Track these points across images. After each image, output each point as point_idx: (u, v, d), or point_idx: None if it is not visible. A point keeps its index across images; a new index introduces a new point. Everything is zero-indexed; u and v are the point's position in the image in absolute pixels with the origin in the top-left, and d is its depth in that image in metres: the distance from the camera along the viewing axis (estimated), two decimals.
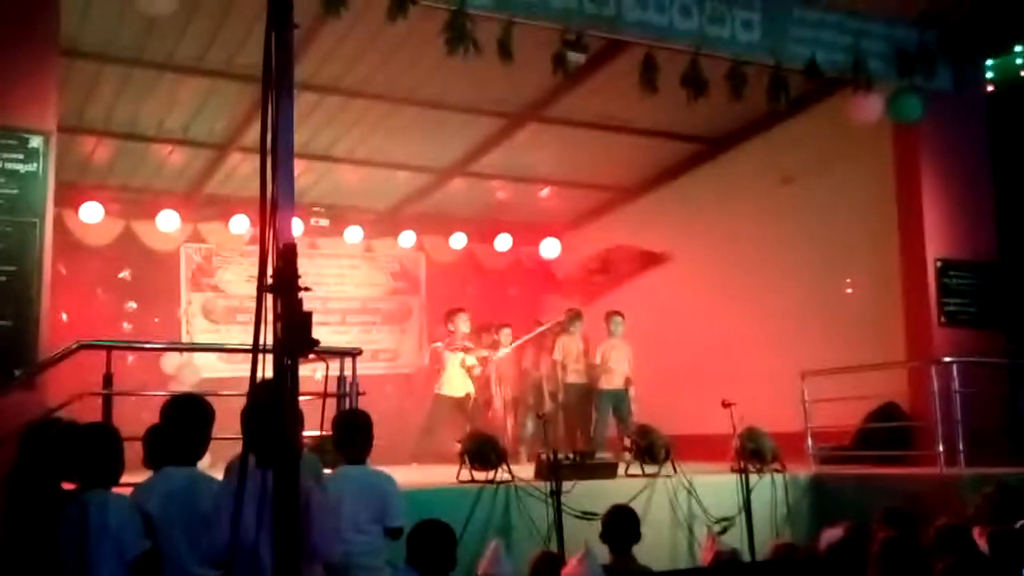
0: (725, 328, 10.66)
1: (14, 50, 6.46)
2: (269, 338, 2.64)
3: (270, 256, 2.68)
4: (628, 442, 7.93)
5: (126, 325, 11.52)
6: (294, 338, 2.63)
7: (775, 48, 8.19)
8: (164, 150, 10.57)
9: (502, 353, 10.67)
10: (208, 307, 12.13)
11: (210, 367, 11.33)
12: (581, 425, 10.70)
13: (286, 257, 2.66)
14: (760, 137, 10.56)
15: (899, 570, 4.06)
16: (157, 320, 11.77)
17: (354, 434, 4.88)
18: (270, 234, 2.69)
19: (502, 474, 6.70)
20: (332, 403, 6.43)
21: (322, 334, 2.72)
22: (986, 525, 5.16)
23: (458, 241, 13.19)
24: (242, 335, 10.27)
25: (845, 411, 8.52)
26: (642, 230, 12.16)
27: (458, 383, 10.46)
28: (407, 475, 6.52)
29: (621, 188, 12.54)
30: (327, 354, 5.89)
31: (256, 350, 2.66)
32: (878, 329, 9.13)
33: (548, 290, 10.68)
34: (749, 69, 8.00)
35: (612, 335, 10.54)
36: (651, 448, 7.53)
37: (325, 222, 12.35)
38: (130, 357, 10.23)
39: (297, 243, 2.73)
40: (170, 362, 11.14)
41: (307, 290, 2.69)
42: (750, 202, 10.75)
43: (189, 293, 12.09)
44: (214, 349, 11.66)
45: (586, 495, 6.52)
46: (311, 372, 5.62)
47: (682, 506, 7.18)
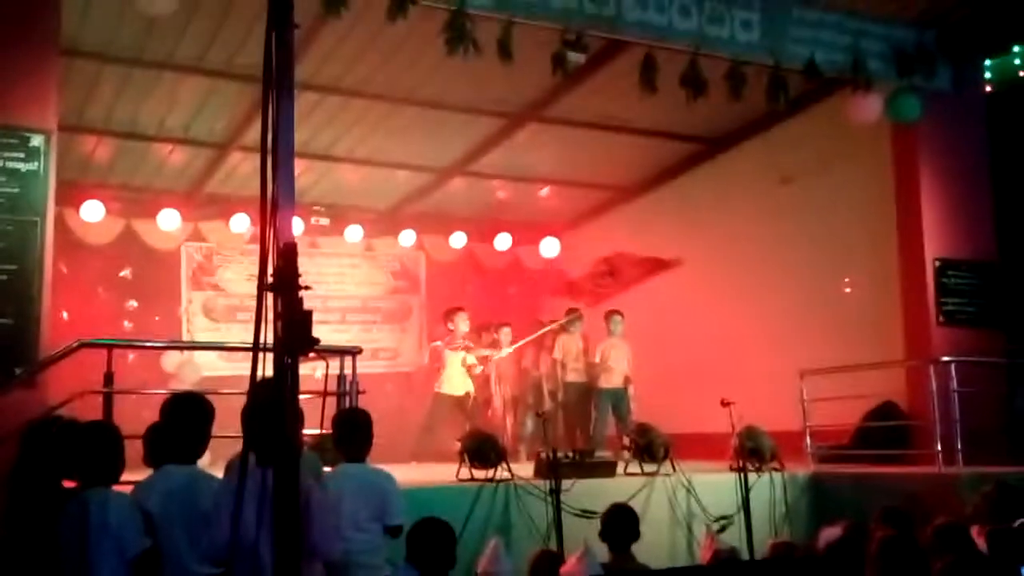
0: (724, 327, 10.66)
1: (15, 49, 6.47)
2: (269, 337, 2.65)
3: (270, 255, 2.68)
4: (627, 441, 7.93)
5: (127, 324, 11.54)
6: (294, 337, 2.64)
7: (774, 48, 8.19)
8: (165, 149, 10.57)
9: (504, 352, 10.68)
10: (208, 306, 12.13)
11: (210, 365, 11.34)
12: (580, 424, 10.71)
13: (286, 256, 2.67)
14: (759, 137, 10.57)
15: (897, 569, 4.05)
16: (158, 319, 11.78)
17: (354, 432, 4.90)
18: (270, 233, 2.70)
19: (502, 473, 6.71)
20: (332, 401, 6.45)
21: (322, 333, 2.72)
22: (984, 524, 5.16)
23: (458, 240, 13.20)
24: (242, 334, 10.25)
25: (844, 410, 8.52)
26: (641, 230, 12.16)
27: (458, 382, 10.46)
28: (407, 473, 6.53)
29: (620, 188, 12.55)
30: (327, 353, 5.90)
31: (256, 348, 2.66)
32: (877, 328, 9.14)
33: (554, 292, 10.68)
34: (748, 69, 8.00)
35: (611, 334, 10.55)
36: (650, 447, 7.54)
37: (325, 221, 12.36)
38: (131, 355, 10.24)
39: (297, 242, 2.73)
40: (170, 360, 11.16)
41: (307, 289, 2.70)
42: (749, 202, 10.76)
43: (190, 292, 12.10)
44: (215, 347, 11.65)
45: (585, 493, 6.53)
46: (311, 370, 5.63)
47: (681, 505, 7.19)
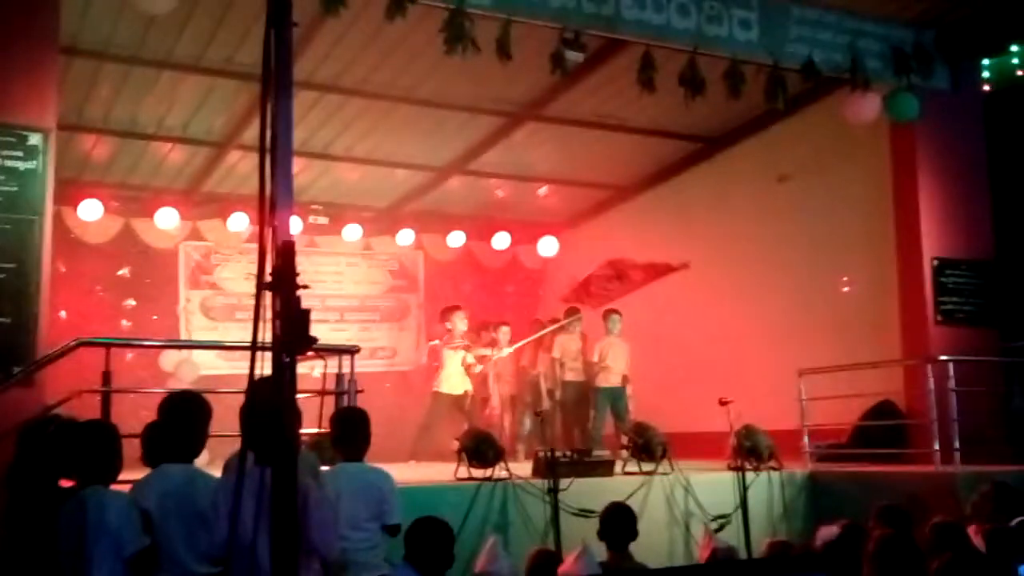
0: (722, 326, 10.67)
1: (14, 48, 6.47)
2: (268, 335, 2.65)
3: (269, 254, 2.68)
4: (625, 440, 7.95)
5: (125, 322, 11.52)
6: (292, 335, 2.63)
7: (773, 47, 8.20)
8: (163, 148, 10.56)
9: (505, 352, 10.68)
10: (207, 305, 12.12)
11: (209, 364, 11.32)
12: (579, 423, 10.71)
13: (285, 255, 2.67)
14: (757, 136, 10.58)
15: (895, 568, 4.05)
16: (156, 317, 11.77)
17: (352, 431, 4.90)
18: (269, 232, 2.70)
19: (500, 471, 6.71)
20: (330, 400, 6.46)
21: (320, 332, 2.72)
22: (982, 523, 5.18)
23: (456, 239, 13.19)
24: (240, 332, 10.19)
25: (841, 409, 8.53)
26: (640, 229, 12.14)
27: (456, 381, 10.45)
28: (405, 472, 6.55)
29: (619, 187, 12.55)
30: (325, 352, 5.94)
31: (255, 347, 2.67)
32: (874, 327, 9.14)
33: (563, 299, 10.70)
34: (747, 68, 8.00)
35: (610, 333, 10.55)
36: (648, 446, 7.54)
37: (324, 220, 12.35)
38: (129, 354, 10.26)
39: (296, 241, 2.73)
40: (169, 359, 11.15)
41: (305, 288, 2.70)
42: (747, 201, 10.76)
43: (188, 291, 12.08)
44: (213, 346, 11.65)
45: (583, 492, 6.53)
46: (309, 369, 5.65)
47: (679, 503, 7.20)
